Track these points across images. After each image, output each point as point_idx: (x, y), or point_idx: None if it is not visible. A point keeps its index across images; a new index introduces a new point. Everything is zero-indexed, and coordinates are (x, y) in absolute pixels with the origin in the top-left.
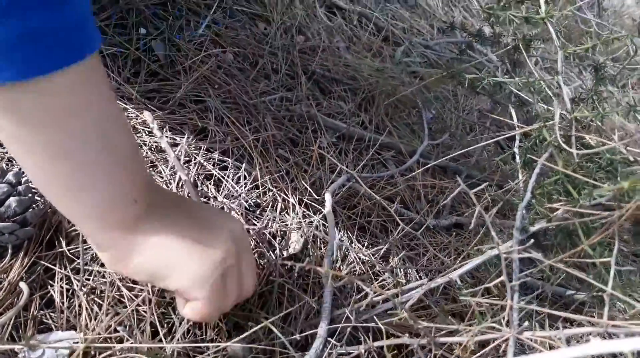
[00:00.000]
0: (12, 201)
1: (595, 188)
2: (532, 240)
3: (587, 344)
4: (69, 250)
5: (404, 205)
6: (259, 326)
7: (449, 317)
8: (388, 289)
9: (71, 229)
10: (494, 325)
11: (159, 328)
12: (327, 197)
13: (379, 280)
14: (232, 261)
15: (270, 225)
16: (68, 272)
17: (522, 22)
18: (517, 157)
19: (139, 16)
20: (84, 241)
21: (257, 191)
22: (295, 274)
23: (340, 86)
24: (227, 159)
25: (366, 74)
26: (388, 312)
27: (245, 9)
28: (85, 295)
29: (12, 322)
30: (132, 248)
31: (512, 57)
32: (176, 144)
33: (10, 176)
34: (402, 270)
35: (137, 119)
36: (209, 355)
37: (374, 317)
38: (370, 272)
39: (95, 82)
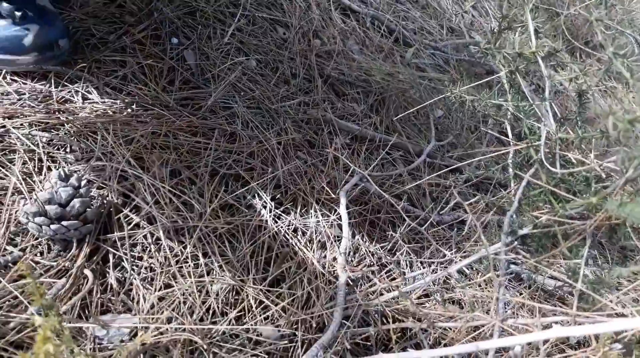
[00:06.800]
0: (75, 202)
1: (573, 200)
2: (521, 240)
3: (550, 330)
4: (122, 241)
5: (411, 202)
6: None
7: (449, 304)
8: (394, 279)
9: (125, 220)
10: (481, 314)
11: (202, 311)
12: (342, 196)
13: (387, 270)
14: None
15: (292, 222)
16: (123, 260)
17: (516, 56)
18: (510, 169)
19: (172, 26)
20: (135, 229)
21: (280, 190)
22: (318, 265)
23: (353, 89)
24: (253, 161)
25: (378, 77)
26: (395, 299)
27: (266, 15)
28: (138, 281)
29: (79, 304)
30: None
31: (510, 80)
32: (206, 148)
33: (73, 180)
34: (407, 261)
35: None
36: (243, 337)
37: (382, 304)
38: (379, 264)
39: None
